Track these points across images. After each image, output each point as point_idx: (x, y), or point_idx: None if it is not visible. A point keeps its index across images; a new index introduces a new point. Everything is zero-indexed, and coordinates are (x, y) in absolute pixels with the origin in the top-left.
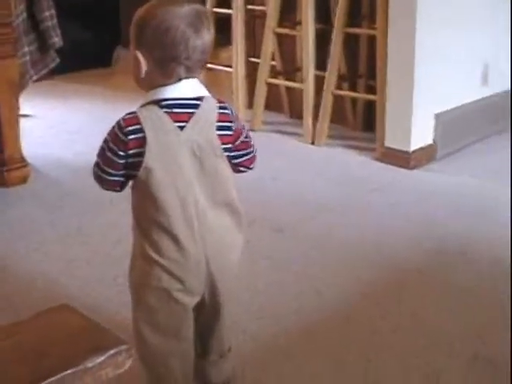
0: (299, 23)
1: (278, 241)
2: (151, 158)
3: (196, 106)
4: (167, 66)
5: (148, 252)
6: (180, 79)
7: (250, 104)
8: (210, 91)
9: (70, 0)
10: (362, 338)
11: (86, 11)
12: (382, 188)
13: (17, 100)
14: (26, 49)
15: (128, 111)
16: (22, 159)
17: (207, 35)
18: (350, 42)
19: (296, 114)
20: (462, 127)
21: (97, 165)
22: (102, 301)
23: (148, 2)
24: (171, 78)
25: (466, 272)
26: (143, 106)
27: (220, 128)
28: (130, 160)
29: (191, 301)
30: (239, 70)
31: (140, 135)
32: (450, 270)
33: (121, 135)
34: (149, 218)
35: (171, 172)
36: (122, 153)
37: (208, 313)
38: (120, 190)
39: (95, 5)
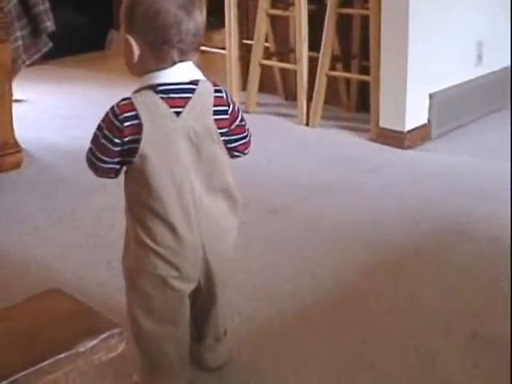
0: (292, 4)
1: (273, 222)
2: (147, 145)
3: (192, 91)
4: (160, 50)
5: (142, 238)
6: (174, 63)
7: (244, 86)
8: (204, 74)
9: None
10: (357, 320)
11: None
12: (376, 169)
13: (10, 85)
14: (19, 33)
15: (123, 96)
16: (16, 144)
17: (199, 17)
18: (343, 23)
19: (290, 95)
20: (457, 107)
21: (91, 152)
22: (95, 285)
23: None
24: (165, 62)
25: (464, 252)
26: (137, 91)
27: (216, 112)
28: (126, 147)
29: (187, 287)
30: (232, 52)
31: (135, 122)
32: (448, 250)
33: (116, 122)
34: (143, 204)
35: (167, 159)
36: (117, 140)
37: (204, 298)
38: (115, 177)
39: None
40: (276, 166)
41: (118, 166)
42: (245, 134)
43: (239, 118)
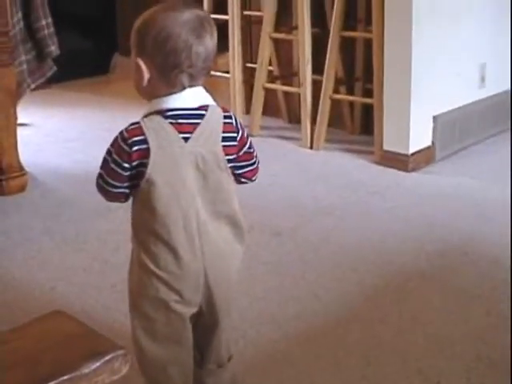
0: (295, 28)
1: (277, 245)
2: (154, 171)
3: (201, 116)
4: (170, 75)
5: (145, 262)
6: (184, 88)
7: (248, 109)
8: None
9: (66, 8)
10: (361, 342)
11: (83, 19)
12: (380, 191)
13: (14, 109)
14: (23, 57)
15: (126, 120)
16: (20, 168)
17: (210, 41)
18: (347, 46)
19: (294, 118)
20: (461, 129)
21: (100, 177)
22: (99, 308)
23: (148, 9)
24: (175, 87)
25: (468, 274)
26: (146, 115)
27: (225, 139)
28: (134, 171)
29: (189, 311)
30: (236, 75)
31: (144, 146)
32: (452, 272)
33: (125, 146)
34: (148, 229)
35: (174, 185)
36: (126, 164)
37: (206, 322)
38: (125, 201)
39: (92, 13)
40: (280, 189)
41: (127, 191)
42: (253, 161)
43: (248, 144)
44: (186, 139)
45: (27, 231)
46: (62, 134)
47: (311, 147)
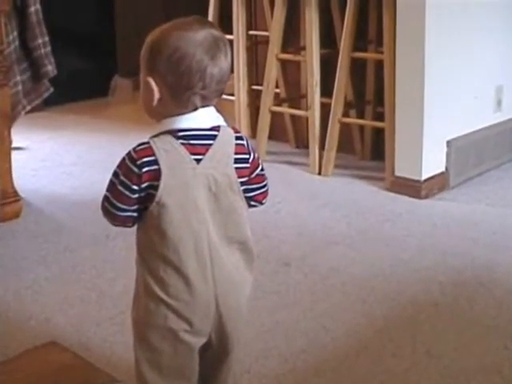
0: (303, 48)
1: (284, 275)
2: (165, 193)
3: (213, 137)
4: (182, 96)
5: (153, 289)
6: (196, 108)
7: (254, 133)
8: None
9: (64, 27)
10: (372, 378)
11: (82, 38)
12: (392, 219)
13: (9, 132)
14: (18, 78)
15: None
16: (15, 193)
17: (225, 62)
18: (357, 68)
19: (301, 143)
20: (476, 154)
21: (107, 200)
22: (97, 341)
23: (161, 26)
24: (187, 108)
25: (484, 304)
26: (156, 135)
27: (237, 161)
28: (143, 193)
29: (198, 341)
30: (242, 98)
31: (154, 167)
32: (467, 302)
33: (133, 168)
34: (157, 254)
35: (185, 207)
36: (135, 187)
37: (214, 353)
38: (132, 226)
39: (91, 32)
40: (287, 217)
41: (135, 214)
42: (264, 183)
43: (260, 166)
44: (198, 160)
45: (21, 260)
46: (58, 159)
47: (320, 173)
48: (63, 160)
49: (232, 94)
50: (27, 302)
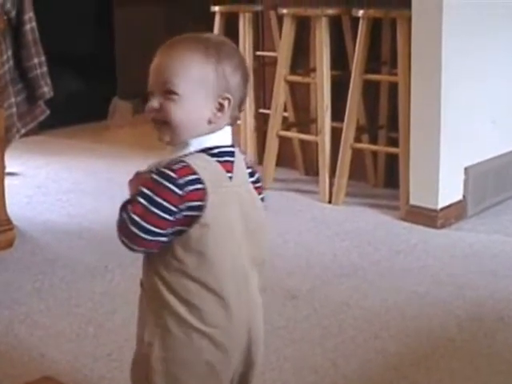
0: (313, 70)
1: (292, 309)
2: (210, 213)
3: (233, 154)
4: (236, 111)
5: (186, 319)
6: (225, 125)
7: (261, 159)
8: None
9: (61, 47)
10: None
11: (80, 59)
12: (407, 250)
13: (2, 156)
14: (13, 99)
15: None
16: (8, 221)
17: None
18: (370, 90)
19: (311, 169)
20: (495, 181)
21: (134, 224)
22: (94, 378)
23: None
24: (221, 124)
25: (504, 341)
26: (185, 155)
27: (249, 176)
28: (182, 215)
29: (228, 377)
30: (248, 122)
31: (198, 186)
32: (486, 339)
33: (174, 188)
34: (191, 279)
35: (224, 228)
36: (174, 208)
37: None
38: (157, 251)
39: (89, 52)
40: (295, 247)
41: (166, 239)
42: (263, 195)
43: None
44: (230, 178)
45: (14, 291)
46: (54, 185)
47: (330, 201)
48: (59, 187)
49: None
50: (20, 335)
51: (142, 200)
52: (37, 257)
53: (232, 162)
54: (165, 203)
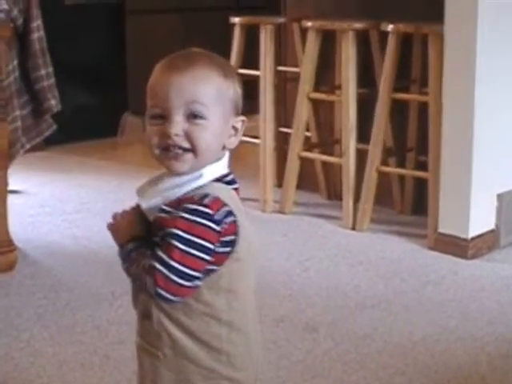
0: (338, 87)
1: (312, 342)
2: (242, 246)
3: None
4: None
5: (214, 369)
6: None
7: (280, 182)
8: (233, 167)
9: (70, 58)
10: None
11: (89, 71)
12: (435, 281)
13: (5, 173)
14: (18, 113)
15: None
16: (10, 242)
17: None
18: (398, 110)
19: (334, 194)
20: None
21: (175, 273)
22: None
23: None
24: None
25: None
26: (201, 186)
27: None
28: (216, 252)
29: None
30: (267, 141)
31: (231, 219)
32: None
33: (212, 224)
34: (222, 322)
35: (249, 259)
36: (212, 246)
37: None
38: (189, 297)
39: (99, 64)
40: (316, 276)
41: (200, 283)
42: None
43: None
44: None
45: (15, 318)
46: (59, 205)
47: (354, 228)
48: (65, 206)
49: (257, 137)
50: (21, 364)
51: (175, 243)
52: (39, 281)
53: (238, 188)
54: (206, 243)
